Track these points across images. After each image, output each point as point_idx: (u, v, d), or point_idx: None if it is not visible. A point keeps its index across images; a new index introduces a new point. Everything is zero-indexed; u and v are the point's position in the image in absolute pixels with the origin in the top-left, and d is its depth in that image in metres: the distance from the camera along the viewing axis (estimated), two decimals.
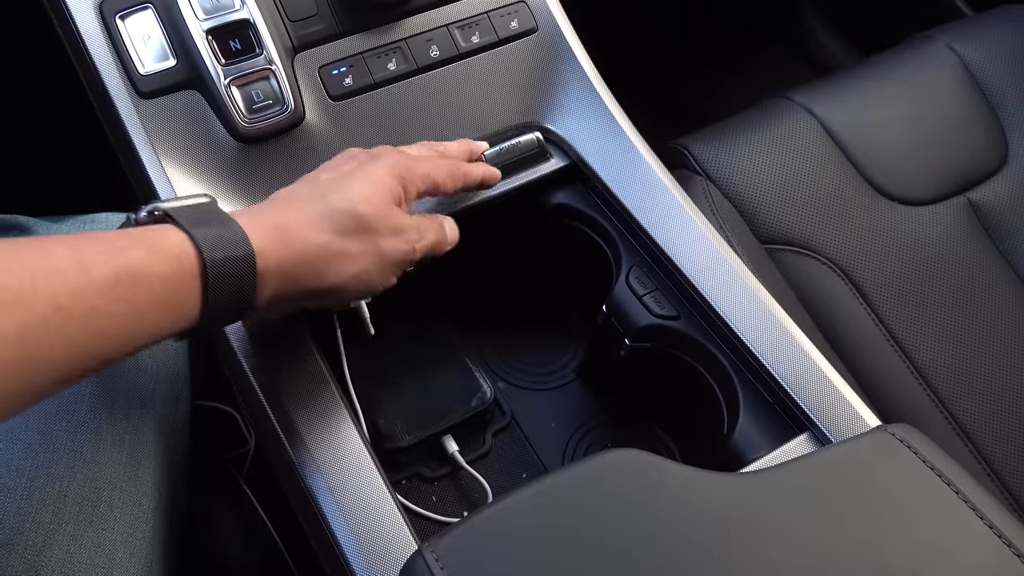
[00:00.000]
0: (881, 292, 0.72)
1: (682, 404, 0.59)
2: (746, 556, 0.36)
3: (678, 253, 0.55)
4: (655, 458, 0.40)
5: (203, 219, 0.39)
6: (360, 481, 0.44)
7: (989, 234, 0.78)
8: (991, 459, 0.66)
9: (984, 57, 0.85)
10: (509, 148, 0.59)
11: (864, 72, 0.85)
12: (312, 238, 0.42)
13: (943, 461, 0.40)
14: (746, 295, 0.53)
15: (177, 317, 0.37)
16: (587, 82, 0.62)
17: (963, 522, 0.38)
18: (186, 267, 0.37)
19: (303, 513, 0.47)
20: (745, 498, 0.39)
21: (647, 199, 0.58)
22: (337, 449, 0.46)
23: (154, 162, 0.53)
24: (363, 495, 0.44)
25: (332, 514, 0.43)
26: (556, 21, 0.63)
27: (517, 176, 0.59)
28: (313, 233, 0.42)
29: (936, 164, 0.79)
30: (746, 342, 0.51)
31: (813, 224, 0.74)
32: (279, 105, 0.54)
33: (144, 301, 0.35)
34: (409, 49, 0.59)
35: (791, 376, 0.49)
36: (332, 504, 0.43)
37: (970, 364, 0.70)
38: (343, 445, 0.46)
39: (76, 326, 0.33)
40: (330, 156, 0.49)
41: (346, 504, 0.43)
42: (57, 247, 0.34)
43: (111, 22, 0.54)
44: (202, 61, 0.53)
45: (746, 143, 0.77)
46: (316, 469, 0.45)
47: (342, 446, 0.46)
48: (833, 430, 0.47)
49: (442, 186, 0.51)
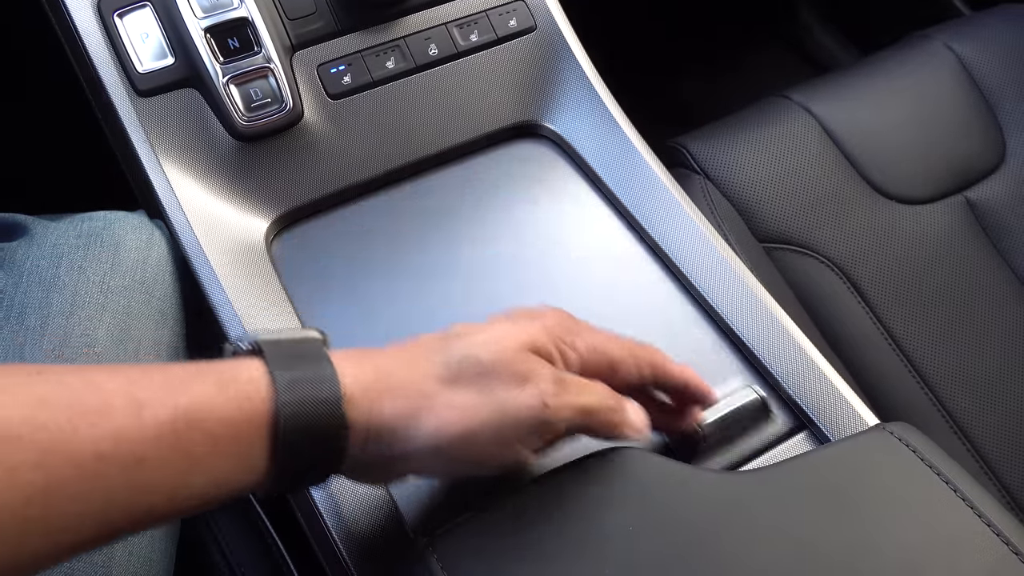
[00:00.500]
0: (879, 290, 0.72)
1: None
2: (744, 554, 0.36)
3: (676, 252, 0.55)
4: (654, 456, 0.40)
5: (299, 355, 0.32)
6: None
7: (987, 233, 0.78)
8: (988, 457, 0.66)
9: (982, 56, 0.85)
10: (734, 416, 0.47)
11: (862, 71, 0.85)
12: (415, 384, 0.34)
13: (941, 459, 0.40)
14: (744, 294, 0.53)
15: (240, 469, 0.30)
16: (585, 80, 0.62)
17: (961, 520, 0.38)
18: (257, 408, 0.30)
19: (301, 511, 0.47)
20: (744, 496, 0.39)
21: (645, 198, 0.58)
22: None
23: (152, 160, 0.53)
24: (361, 493, 0.44)
25: (330, 512, 0.43)
26: (555, 20, 0.63)
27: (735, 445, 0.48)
28: (418, 379, 0.34)
29: (934, 163, 0.79)
30: (744, 340, 0.51)
31: (811, 223, 0.74)
32: (277, 103, 0.54)
33: (200, 451, 0.29)
34: (408, 47, 0.59)
35: (789, 375, 0.49)
36: (330, 502, 0.43)
37: (967, 362, 0.70)
38: None
39: (117, 479, 0.27)
40: (330, 154, 0.49)
41: (344, 502, 0.43)
42: (108, 380, 0.28)
43: (109, 20, 0.54)
44: (200, 59, 0.53)
45: (744, 142, 0.77)
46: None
47: None
48: (831, 428, 0.47)
49: (620, 369, 0.38)
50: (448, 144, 0.59)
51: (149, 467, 0.28)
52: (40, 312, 0.47)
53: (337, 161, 0.56)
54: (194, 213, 0.52)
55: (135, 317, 0.49)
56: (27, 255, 0.49)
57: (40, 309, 0.47)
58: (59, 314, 0.47)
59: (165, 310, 0.51)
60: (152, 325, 0.50)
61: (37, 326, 0.46)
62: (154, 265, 0.51)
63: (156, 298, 0.51)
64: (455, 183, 0.59)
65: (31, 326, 0.46)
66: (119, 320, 0.48)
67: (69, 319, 0.47)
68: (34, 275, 0.48)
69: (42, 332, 0.46)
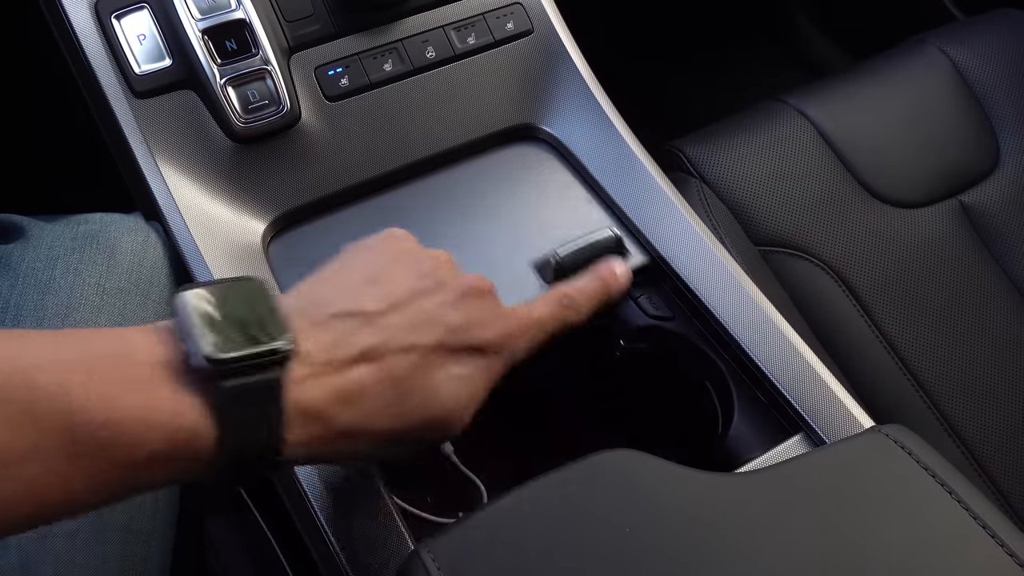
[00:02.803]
0: (874, 294, 0.72)
1: (676, 405, 0.59)
2: (740, 557, 0.36)
3: (672, 255, 0.55)
4: (650, 458, 0.40)
5: (247, 394, 0.31)
6: (356, 481, 0.44)
7: (980, 236, 0.78)
8: (982, 459, 0.67)
9: (976, 61, 0.86)
10: (588, 248, 0.53)
11: (858, 75, 0.85)
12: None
13: (936, 461, 0.40)
14: (740, 296, 0.53)
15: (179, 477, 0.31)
16: (582, 84, 0.62)
17: (956, 522, 0.38)
18: (200, 448, 0.30)
19: (298, 513, 0.47)
20: (739, 499, 0.39)
21: (642, 201, 0.58)
22: None
23: (149, 162, 0.53)
24: (358, 495, 0.44)
25: (327, 514, 0.43)
26: (552, 23, 0.63)
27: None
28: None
29: (929, 167, 0.80)
30: (740, 343, 0.51)
31: (806, 226, 0.74)
32: (275, 105, 0.54)
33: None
34: (405, 50, 0.59)
35: (785, 377, 0.49)
36: (327, 504, 0.43)
37: (962, 365, 0.70)
38: None
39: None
40: (327, 157, 0.49)
41: (341, 504, 0.43)
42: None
43: (106, 21, 0.54)
44: (198, 61, 0.53)
45: (740, 145, 0.77)
46: (311, 469, 0.45)
47: None
48: (827, 431, 0.47)
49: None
50: (445, 146, 0.59)
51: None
52: (36, 315, 0.47)
53: (334, 163, 0.56)
54: (191, 215, 0.52)
55: (131, 319, 0.49)
56: (23, 257, 0.49)
57: (36, 312, 0.47)
58: (55, 316, 0.47)
59: (161, 312, 0.51)
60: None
61: (33, 329, 0.46)
62: (150, 267, 0.51)
63: (152, 300, 0.51)
64: (453, 185, 0.59)
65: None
66: (115, 322, 0.48)
67: (65, 321, 0.47)
68: (30, 277, 0.48)
69: None
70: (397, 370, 0.35)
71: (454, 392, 0.37)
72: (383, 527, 0.43)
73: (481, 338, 0.38)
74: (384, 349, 0.35)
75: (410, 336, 0.36)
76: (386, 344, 0.35)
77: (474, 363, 0.38)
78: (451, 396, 0.37)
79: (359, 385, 0.34)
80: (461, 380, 0.37)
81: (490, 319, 0.39)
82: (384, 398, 0.35)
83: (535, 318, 0.42)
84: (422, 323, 0.37)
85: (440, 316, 0.37)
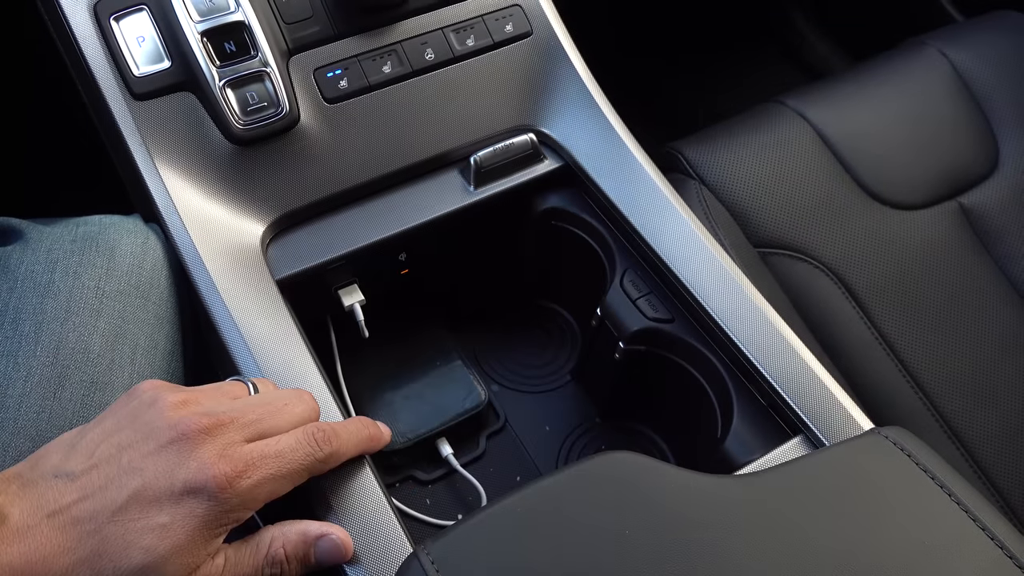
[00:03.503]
0: (873, 296, 0.72)
1: (676, 407, 0.59)
2: (740, 558, 0.36)
3: (672, 256, 0.55)
4: (649, 460, 0.40)
5: None
6: (354, 483, 0.44)
7: (980, 238, 0.78)
8: (981, 461, 0.67)
9: (975, 62, 0.86)
10: (504, 149, 0.59)
11: (857, 77, 0.85)
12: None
13: (935, 463, 0.40)
14: (740, 298, 0.53)
15: None
16: (582, 86, 0.62)
17: (955, 524, 0.38)
18: None
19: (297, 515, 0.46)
20: (739, 500, 0.39)
21: (641, 203, 0.58)
22: None
23: (148, 164, 0.53)
24: (357, 497, 0.44)
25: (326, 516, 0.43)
26: (551, 25, 0.63)
27: (510, 178, 0.59)
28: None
29: (928, 169, 0.80)
30: (740, 345, 0.51)
31: (806, 228, 0.74)
32: (274, 107, 0.54)
33: None
34: (404, 52, 0.59)
35: (784, 379, 0.49)
36: (326, 506, 0.43)
37: (961, 367, 0.70)
38: None
39: None
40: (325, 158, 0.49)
41: (340, 506, 0.43)
42: None
43: (105, 23, 0.54)
44: (197, 63, 0.53)
45: (740, 147, 0.77)
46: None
47: None
48: (826, 433, 0.47)
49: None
50: (445, 148, 0.59)
51: None
52: (34, 318, 0.47)
53: (333, 165, 0.56)
54: (190, 217, 0.52)
55: (131, 322, 0.49)
56: (22, 260, 0.49)
57: (35, 315, 0.47)
58: (54, 320, 0.47)
59: (161, 314, 0.51)
60: (148, 330, 0.50)
61: (31, 332, 0.46)
62: (149, 269, 0.51)
63: (152, 302, 0.51)
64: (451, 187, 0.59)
65: (25, 332, 0.46)
66: (114, 325, 0.48)
67: (64, 325, 0.47)
68: (29, 280, 0.48)
69: (36, 339, 0.46)
70: (89, 526, 0.36)
71: (151, 544, 0.36)
72: (382, 529, 0.43)
73: (185, 482, 0.37)
74: (80, 507, 0.37)
75: (107, 492, 0.37)
76: (80, 502, 0.37)
77: (177, 510, 0.37)
78: (147, 548, 0.36)
79: (57, 544, 0.36)
80: (161, 530, 0.36)
81: (206, 461, 0.38)
82: (78, 554, 0.36)
83: (275, 450, 0.40)
84: (118, 476, 0.37)
85: (139, 466, 0.37)
